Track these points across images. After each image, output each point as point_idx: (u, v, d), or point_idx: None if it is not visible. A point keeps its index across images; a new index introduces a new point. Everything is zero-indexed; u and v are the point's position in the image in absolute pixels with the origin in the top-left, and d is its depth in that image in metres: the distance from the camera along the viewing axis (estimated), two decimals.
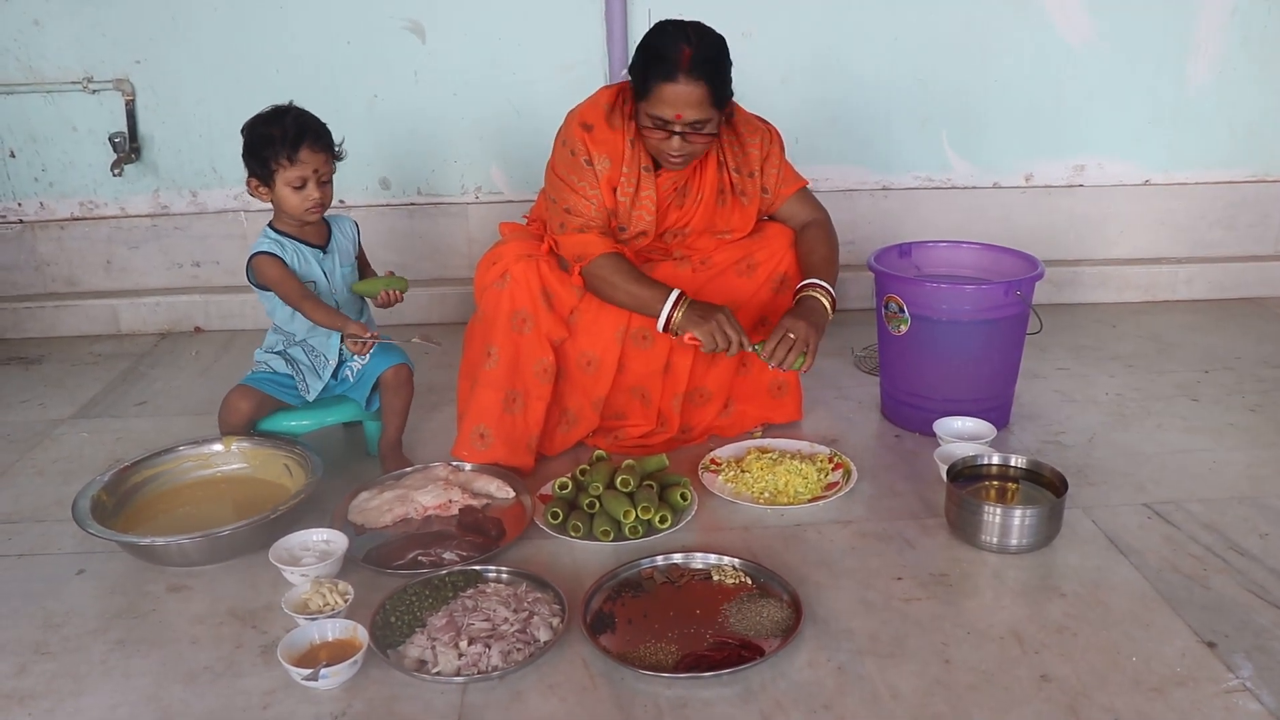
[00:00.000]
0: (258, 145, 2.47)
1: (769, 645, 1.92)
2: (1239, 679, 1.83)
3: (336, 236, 2.65)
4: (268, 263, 2.51)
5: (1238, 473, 2.59)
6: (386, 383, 2.65)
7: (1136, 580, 2.13)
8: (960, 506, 2.27)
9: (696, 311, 2.42)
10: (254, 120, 2.51)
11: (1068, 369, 3.28)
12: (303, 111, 2.52)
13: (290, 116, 2.48)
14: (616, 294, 2.50)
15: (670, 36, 2.33)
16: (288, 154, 2.45)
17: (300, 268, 2.56)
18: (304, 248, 2.58)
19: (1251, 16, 3.72)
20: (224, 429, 2.60)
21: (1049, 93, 3.79)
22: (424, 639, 1.93)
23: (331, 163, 2.55)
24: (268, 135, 2.46)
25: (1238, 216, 3.99)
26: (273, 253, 2.52)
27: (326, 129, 2.54)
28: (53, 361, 3.58)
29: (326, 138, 2.53)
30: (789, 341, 2.39)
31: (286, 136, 2.45)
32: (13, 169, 3.75)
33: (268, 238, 2.56)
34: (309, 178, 2.48)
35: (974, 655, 1.91)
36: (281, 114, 2.49)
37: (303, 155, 2.46)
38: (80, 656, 1.97)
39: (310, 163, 2.47)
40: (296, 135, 2.45)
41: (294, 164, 2.46)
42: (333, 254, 2.63)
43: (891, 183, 3.88)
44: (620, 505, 2.32)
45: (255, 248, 2.54)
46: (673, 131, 2.36)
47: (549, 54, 3.64)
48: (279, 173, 2.47)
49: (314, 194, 2.50)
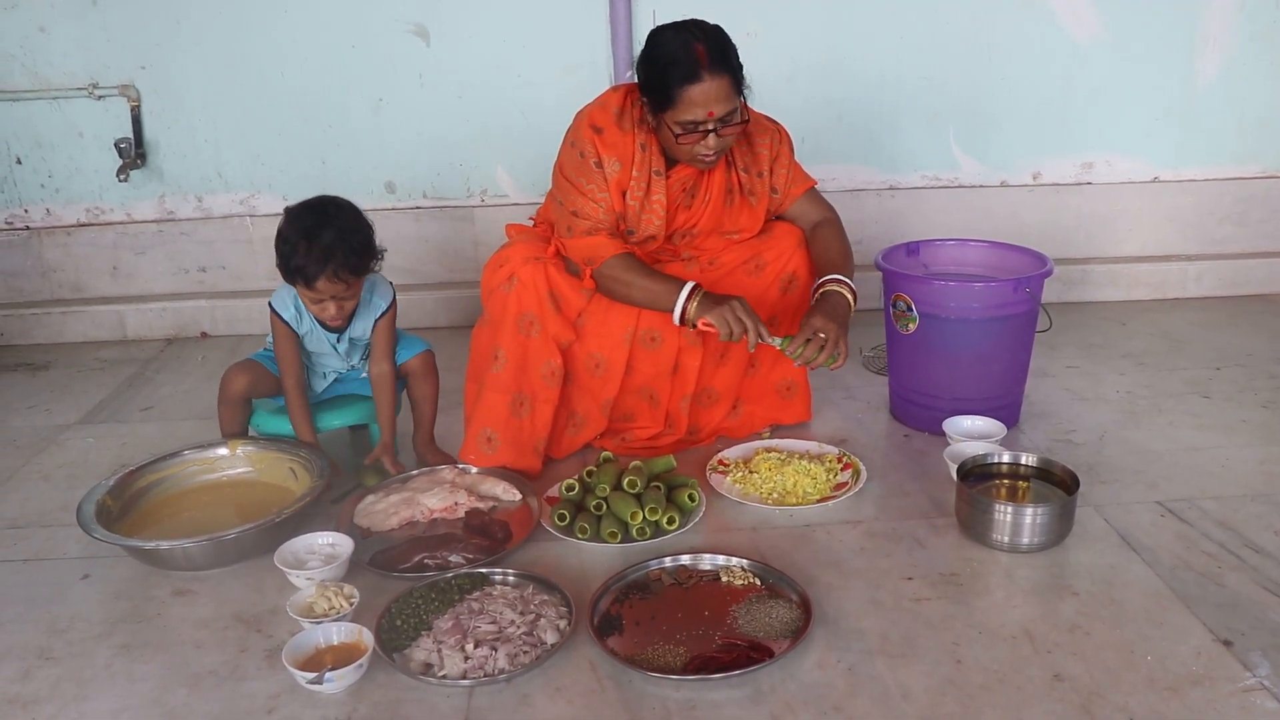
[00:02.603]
0: (281, 249, 2.36)
1: (778, 646, 1.90)
2: (1256, 677, 1.81)
3: (355, 322, 2.55)
4: (276, 323, 2.49)
5: (1251, 470, 2.56)
6: (413, 371, 2.66)
7: (1150, 578, 2.11)
8: (971, 505, 2.25)
9: (711, 299, 2.40)
10: (290, 215, 2.38)
11: (1078, 367, 3.26)
12: (341, 231, 2.35)
13: (321, 242, 2.32)
14: (631, 291, 2.48)
15: (677, 40, 2.32)
16: (304, 281, 2.36)
17: (311, 341, 2.55)
18: (320, 328, 2.53)
19: (1259, 11, 3.70)
20: (221, 402, 2.60)
21: (1056, 90, 3.77)
22: (430, 642, 1.92)
23: (359, 284, 2.44)
24: (292, 249, 2.34)
25: (1248, 212, 3.96)
26: (285, 320, 2.49)
27: (361, 248, 2.38)
28: (59, 367, 3.58)
29: (356, 262, 2.38)
30: (819, 341, 2.37)
31: (308, 264, 2.33)
32: (19, 175, 3.75)
33: (290, 303, 2.49)
34: (327, 301, 2.41)
35: (986, 655, 1.89)
36: (316, 230, 2.34)
37: (320, 286, 2.36)
38: (84, 661, 1.96)
39: (328, 291, 2.38)
40: (318, 264, 2.33)
41: (310, 290, 2.38)
42: (346, 339, 2.59)
43: (899, 182, 3.87)
44: (627, 507, 2.30)
45: (275, 302, 2.49)
46: (707, 131, 2.35)
47: (553, 56, 3.64)
48: (299, 288, 2.41)
49: (330, 311, 2.43)
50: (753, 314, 2.38)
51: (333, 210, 2.41)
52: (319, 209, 2.40)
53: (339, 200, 2.45)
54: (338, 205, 2.43)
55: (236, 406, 2.60)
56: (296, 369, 2.53)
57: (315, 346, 2.58)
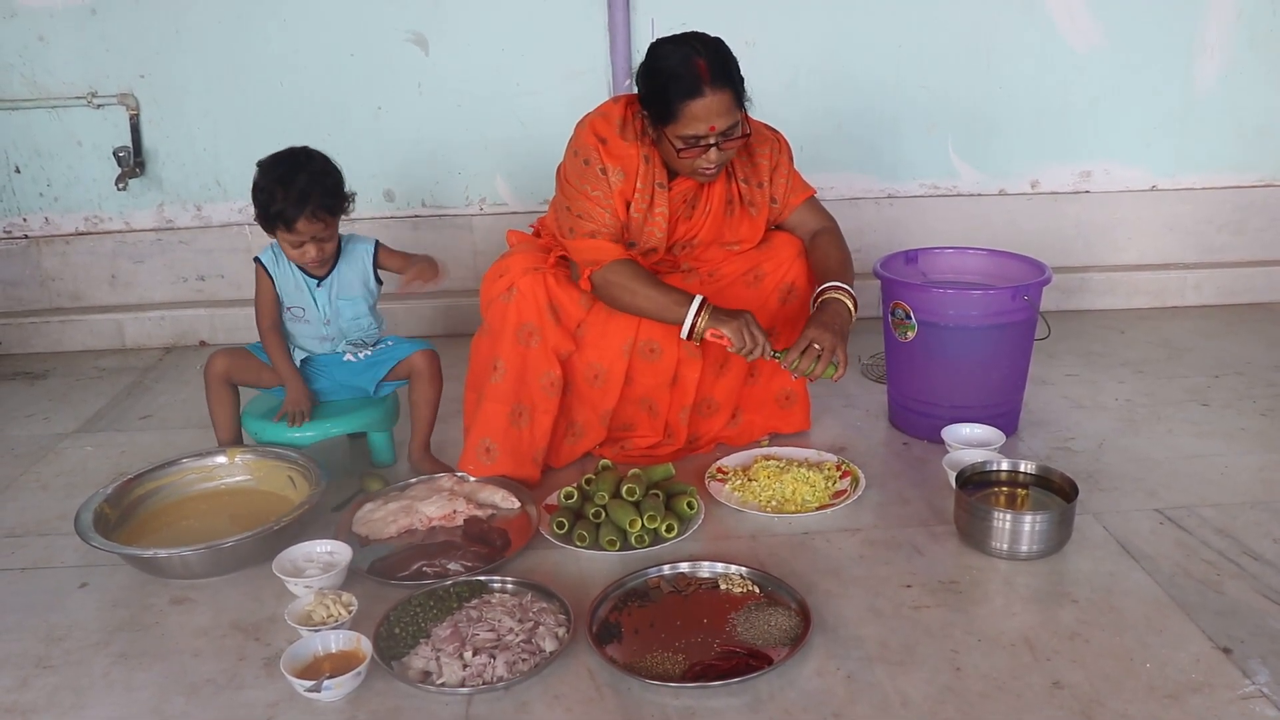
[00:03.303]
0: (259, 199, 2.46)
1: (777, 654, 1.90)
2: (1255, 685, 1.80)
3: (341, 269, 2.62)
4: (259, 273, 2.58)
5: (1250, 477, 2.56)
6: (418, 371, 2.68)
7: (1149, 586, 2.10)
8: (970, 513, 2.25)
9: (723, 315, 2.39)
10: (264, 167, 2.48)
11: (1077, 375, 3.26)
12: (314, 175, 2.46)
13: (297, 185, 2.43)
14: (636, 299, 2.45)
15: (678, 54, 2.31)
16: (284, 224, 2.45)
17: (289, 292, 2.60)
18: (299, 274, 2.59)
19: (1257, 19, 3.71)
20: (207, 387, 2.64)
21: (1055, 98, 3.77)
22: (428, 650, 1.92)
23: (335, 223, 2.53)
24: (269, 196, 2.44)
25: (1247, 221, 3.96)
26: (264, 264, 2.58)
27: (335, 189, 2.50)
28: (57, 376, 3.58)
29: (331, 202, 2.49)
30: (813, 352, 2.36)
31: (286, 207, 2.42)
32: (18, 184, 3.76)
33: (271, 250, 2.59)
34: (306, 242, 2.48)
35: (985, 663, 1.88)
36: (290, 175, 2.44)
37: (299, 227, 2.45)
38: (82, 670, 1.96)
39: (308, 231, 2.46)
40: (296, 206, 2.42)
41: (291, 232, 2.46)
42: (329, 286, 2.62)
43: (897, 190, 3.87)
44: (626, 514, 2.30)
45: (261, 255, 2.59)
46: (708, 145, 2.34)
47: (553, 65, 3.64)
48: (278, 232, 2.49)
49: (311, 253, 2.51)
50: (761, 330, 2.38)
51: (303, 157, 2.50)
52: (289, 158, 2.49)
53: (308, 149, 2.53)
54: (308, 153, 2.51)
55: (221, 388, 2.64)
56: (274, 320, 2.62)
57: (296, 300, 2.60)
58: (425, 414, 2.71)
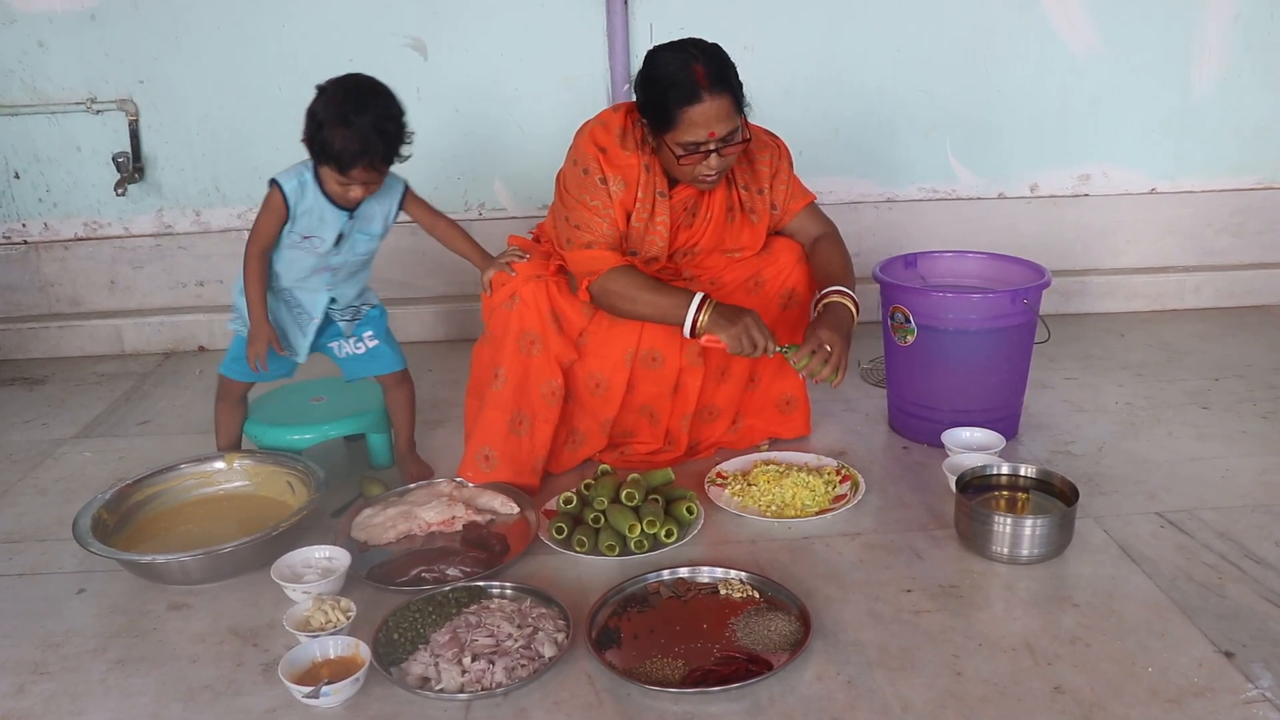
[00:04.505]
0: (315, 131, 2.26)
1: (777, 659, 1.89)
2: (1258, 689, 1.80)
3: (369, 201, 2.44)
4: (274, 199, 2.36)
5: (1251, 480, 2.56)
6: (386, 385, 2.67)
7: (1150, 590, 2.10)
8: (970, 517, 2.24)
9: (723, 314, 2.37)
10: (326, 97, 2.26)
11: (1076, 378, 3.25)
12: (379, 117, 2.26)
13: (359, 129, 2.23)
14: (636, 306, 2.45)
15: (676, 61, 2.31)
16: (339, 168, 2.28)
17: (310, 223, 2.40)
18: (327, 203, 2.39)
19: (1255, 22, 3.71)
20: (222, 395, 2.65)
21: (1053, 102, 3.77)
22: (427, 656, 1.91)
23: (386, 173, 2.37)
24: (328, 134, 2.23)
25: (1245, 223, 3.96)
26: (285, 192, 2.35)
27: (398, 136, 2.30)
28: (56, 381, 3.57)
29: (391, 153, 2.32)
30: (824, 353, 2.36)
31: (344, 152, 2.24)
32: (17, 190, 3.75)
33: (296, 176, 2.36)
34: (355, 185, 2.33)
35: (986, 667, 1.88)
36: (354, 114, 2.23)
37: (354, 174, 2.29)
38: (79, 676, 1.95)
39: (361, 179, 2.31)
40: (356, 155, 2.25)
41: (342, 175, 2.30)
42: (356, 219, 2.45)
43: (896, 194, 3.87)
44: (626, 519, 2.30)
45: (280, 176, 2.37)
46: (708, 151, 2.34)
47: (551, 70, 3.64)
48: (326, 168, 2.31)
49: (356, 194, 2.35)
50: (765, 329, 2.37)
51: (369, 93, 2.29)
52: (355, 91, 2.28)
53: (374, 83, 2.32)
54: (374, 90, 2.31)
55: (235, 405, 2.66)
56: (270, 243, 2.41)
57: (313, 230, 2.41)
58: (404, 417, 2.71)
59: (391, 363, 2.65)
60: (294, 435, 2.62)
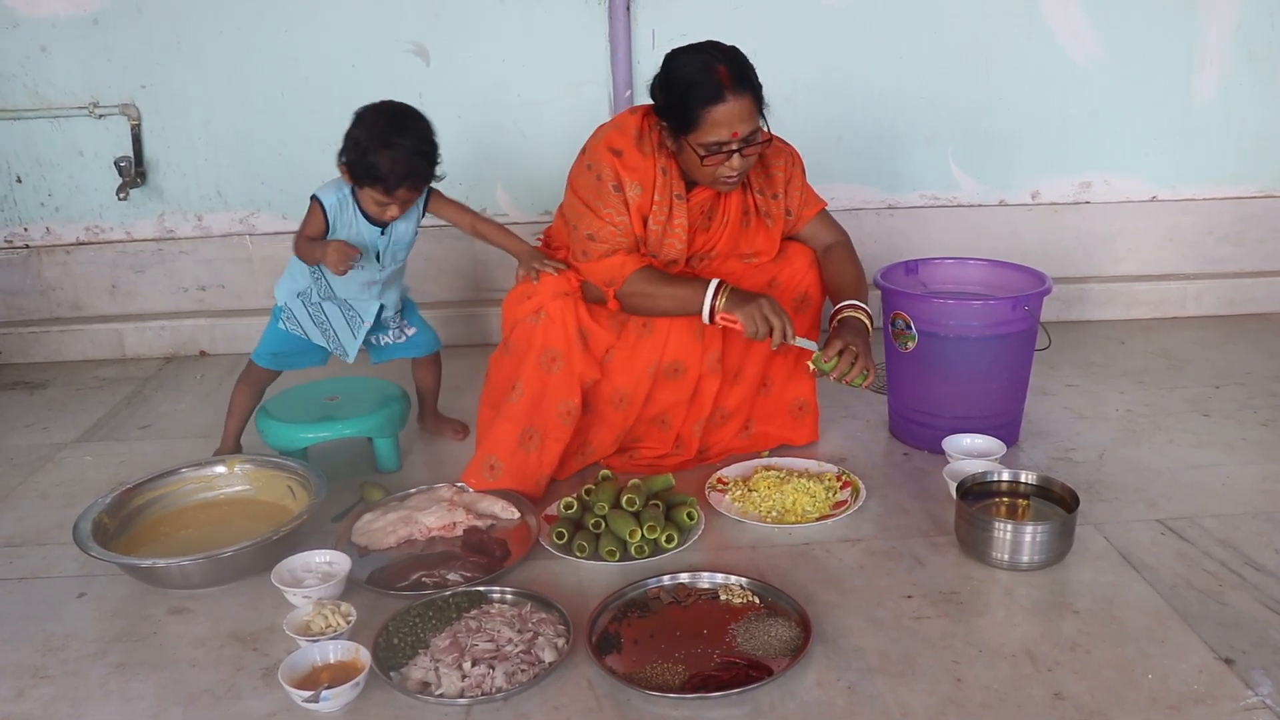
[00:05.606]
0: (355, 153, 2.41)
1: (777, 665, 1.89)
2: (1258, 696, 1.80)
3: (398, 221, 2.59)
4: (315, 212, 2.51)
5: (1251, 487, 2.56)
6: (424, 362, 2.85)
7: (1151, 596, 2.10)
8: (970, 523, 2.24)
9: (740, 295, 2.40)
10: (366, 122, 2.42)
11: (1077, 385, 3.25)
12: (418, 139, 2.43)
13: (401, 151, 2.39)
14: (658, 302, 2.47)
15: (697, 62, 2.32)
16: (383, 189, 2.43)
17: (346, 233, 2.54)
18: (364, 222, 2.54)
19: (1256, 31, 3.71)
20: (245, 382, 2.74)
21: (1055, 110, 3.78)
22: (427, 660, 1.91)
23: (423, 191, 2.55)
24: (373, 159, 2.38)
25: (1246, 231, 3.96)
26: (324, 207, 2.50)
27: (434, 157, 2.47)
28: (57, 386, 3.57)
29: (430, 173, 2.48)
30: (851, 354, 2.38)
31: (388, 174, 2.40)
32: (19, 194, 3.76)
33: (336, 193, 2.52)
34: (394, 204, 2.48)
35: (986, 674, 1.88)
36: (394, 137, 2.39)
37: (398, 195, 2.45)
38: (79, 680, 1.95)
39: (402, 198, 2.47)
40: (399, 177, 2.40)
41: (387, 196, 2.44)
42: (388, 235, 2.60)
43: (898, 201, 3.87)
44: (626, 525, 2.30)
45: (320, 191, 2.52)
46: (731, 151, 2.34)
47: (553, 75, 3.65)
48: (369, 189, 2.45)
49: (394, 212, 2.52)
50: (781, 312, 2.38)
51: (408, 118, 2.45)
52: (393, 116, 2.43)
53: (409, 108, 2.48)
54: (411, 114, 2.46)
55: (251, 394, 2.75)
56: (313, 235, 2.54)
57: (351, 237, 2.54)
58: (433, 385, 2.93)
59: (430, 345, 2.85)
60: (302, 433, 2.65)
